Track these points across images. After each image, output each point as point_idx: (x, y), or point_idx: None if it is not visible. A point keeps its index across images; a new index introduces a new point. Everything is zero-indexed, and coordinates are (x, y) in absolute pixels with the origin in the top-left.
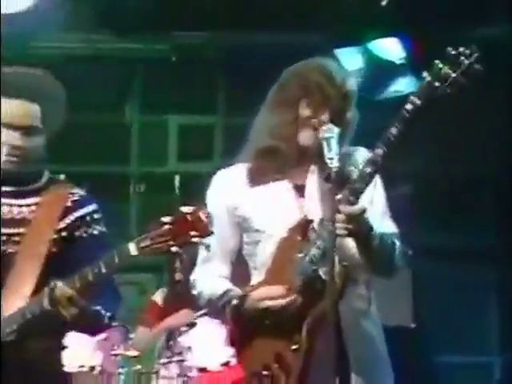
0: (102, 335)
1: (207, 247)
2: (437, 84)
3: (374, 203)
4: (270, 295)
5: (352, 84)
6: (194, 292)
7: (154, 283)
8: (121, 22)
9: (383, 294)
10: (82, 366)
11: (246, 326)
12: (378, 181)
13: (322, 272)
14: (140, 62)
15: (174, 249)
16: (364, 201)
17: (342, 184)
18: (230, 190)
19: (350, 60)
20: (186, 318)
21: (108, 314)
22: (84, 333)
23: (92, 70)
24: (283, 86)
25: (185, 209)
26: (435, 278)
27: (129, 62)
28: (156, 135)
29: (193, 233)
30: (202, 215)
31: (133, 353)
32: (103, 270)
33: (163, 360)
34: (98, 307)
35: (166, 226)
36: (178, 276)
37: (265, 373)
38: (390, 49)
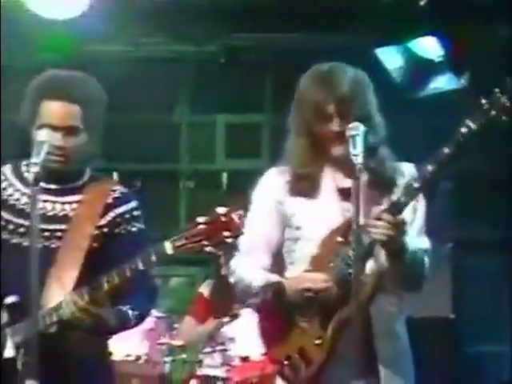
0: (149, 325)
1: (236, 247)
2: (493, 112)
3: (415, 218)
4: (309, 278)
5: (343, 80)
6: (232, 279)
7: (202, 275)
8: (171, 26)
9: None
10: (129, 355)
11: (279, 317)
12: (420, 196)
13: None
14: (190, 63)
15: (207, 249)
16: (406, 214)
17: (385, 191)
18: (276, 189)
19: (391, 59)
20: None
21: (136, 313)
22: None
23: (144, 72)
24: (294, 114)
25: (219, 210)
26: (474, 270)
27: (179, 64)
28: (205, 134)
29: (226, 233)
30: (235, 216)
31: (178, 342)
32: (140, 267)
33: (207, 349)
34: (126, 307)
35: (201, 226)
36: (223, 271)
37: (285, 362)
38: (429, 47)
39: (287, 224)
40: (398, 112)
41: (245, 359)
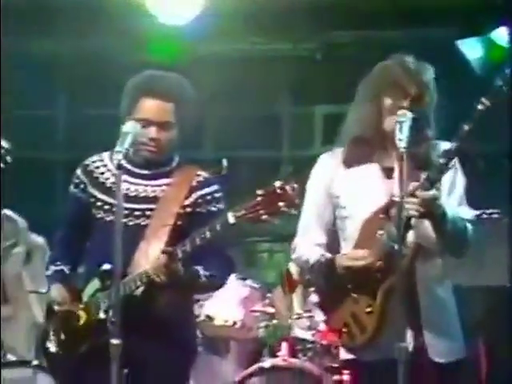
0: (244, 294)
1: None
2: (505, 89)
3: (454, 190)
4: (354, 256)
5: (425, 73)
6: (294, 256)
7: None
8: (272, 26)
9: (482, 255)
10: (227, 321)
11: (333, 289)
12: (459, 170)
13: (396, 247)
14: (290, 60)
15: (264, 217)
16: (445, 186)
17: (423, 169)
18: (328, 172)
19: (471, 49)
20: None
21: (207, 273)
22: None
23: (250, 69)
24: (368, 83)
25: (275, 183)
26: None
27: (280, 61)
28: (304, 123)
29: (281, 203)
30: (289, 188)
31: (270, 310)
32: (208, 236)
33: (295, 315)
34: (199, 267)
35: (259, 198)
36: None
37: (344, 330)
38: (505, 37)
39: (337, 204)
40: (478, 99)
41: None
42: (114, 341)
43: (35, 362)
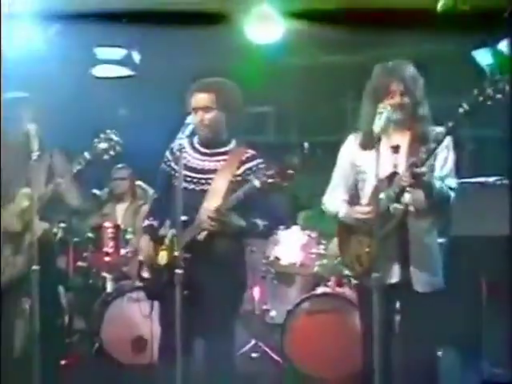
0: (303, 241)
1: None
2: (481, 98)
3: (446, 165)
4: (360, 211)
5: (407, 73)
6: (324, 208)
7: None
8: (331, 43)
9: (483, 207)
10: (290, 261)
11: (345, 234)
12: (450, 148)
13: (391, 207)
14: (346, 69)
15: (278, 182)
16: (439, 162)
17: (421, 143)
18: (352, 148)
19: (484, 58)
20: None
21: (264, 223)
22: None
23: (321, 76)
24: (368, 86)
25: (285, 159)
26: None
27: (344, 68)
28: None
29: (290, 172)
30: (295, 161)
31: (323, 252)
32: (241, 196)
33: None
34: (257, 219)
35: (275, 169)
36: None
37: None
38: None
39: (357, 171)
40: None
41: None
42: (178, 271)
43: None
